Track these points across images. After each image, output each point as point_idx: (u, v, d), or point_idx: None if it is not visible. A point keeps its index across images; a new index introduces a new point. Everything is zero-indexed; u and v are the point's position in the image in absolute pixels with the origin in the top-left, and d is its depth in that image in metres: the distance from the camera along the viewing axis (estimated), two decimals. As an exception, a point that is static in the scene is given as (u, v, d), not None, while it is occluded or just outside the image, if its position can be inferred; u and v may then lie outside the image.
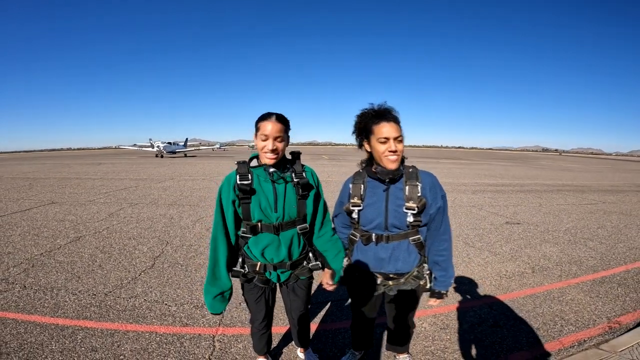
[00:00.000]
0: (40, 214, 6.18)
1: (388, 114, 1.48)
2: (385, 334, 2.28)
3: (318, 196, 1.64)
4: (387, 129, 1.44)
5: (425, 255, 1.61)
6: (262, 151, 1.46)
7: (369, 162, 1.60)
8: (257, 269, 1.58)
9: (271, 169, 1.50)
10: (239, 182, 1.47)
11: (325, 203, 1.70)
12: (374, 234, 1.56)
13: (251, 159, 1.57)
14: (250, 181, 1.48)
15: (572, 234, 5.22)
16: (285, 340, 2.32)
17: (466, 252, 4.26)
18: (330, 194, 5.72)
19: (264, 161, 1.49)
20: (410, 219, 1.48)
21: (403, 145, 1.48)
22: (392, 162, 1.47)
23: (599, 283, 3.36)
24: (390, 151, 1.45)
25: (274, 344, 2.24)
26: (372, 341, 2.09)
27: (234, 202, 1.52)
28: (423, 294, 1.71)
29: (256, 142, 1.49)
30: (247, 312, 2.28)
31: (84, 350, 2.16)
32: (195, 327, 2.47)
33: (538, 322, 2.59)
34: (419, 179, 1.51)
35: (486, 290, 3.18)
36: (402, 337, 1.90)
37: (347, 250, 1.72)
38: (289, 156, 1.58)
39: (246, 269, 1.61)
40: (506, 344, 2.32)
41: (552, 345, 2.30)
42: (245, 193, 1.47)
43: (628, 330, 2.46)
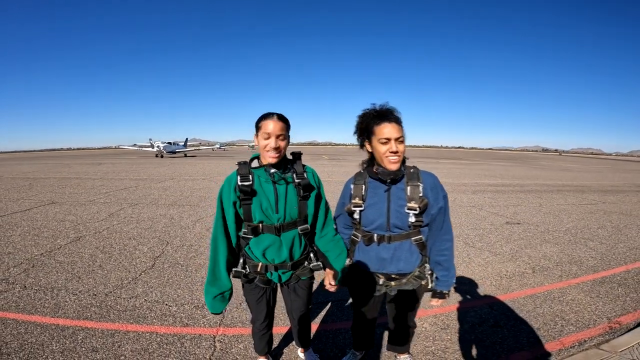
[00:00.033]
0: (41, 214, 6.17)
1: (390, 115, 1.48)
2: (386, 334, 2.28)
3: (319, 197, 1.64)
4: (389, 130, 1.44)
5: (427, 256, 1.61)
6: (265, 149, 1.45)
7: (370, 163, 1.60)
8: (259, 270, 1.58)
9: (272, 170, 1.50)
10: (239, 183, 1.47)
11: (327, 203, 1.69)
12: (375, 235, 1.56)
13: (252, 159, 1.57)
14: (251, 182, 1.47)
15: (573, 234, 5.22)
16: (286, 340, 2.32)
17: (466, 252, 4.26)
18: (331, 194, 5.70)
19: (266, 160, 1.49)
20: (412, 219, 1.48)
21: (404, 146, 1.48)
22: (393, 163, 1.46)
23: (600, 283, 3.36)
24: (391, 152, 1.44)
25: (274, 344, 2.23)
26: (373, 341, 2.09)
27: (234, 204, 1.52)
28: (425, 294, 1.71)
29: (257, 142, 1.49)
30: (248, 313, 2.28)
31: (84, 351, 2.16)
32: (196, 328, 2.47)
33: (538, 322, 2.59)
34: (420, 179, 1.51)
35: (487, 290, 3.18)
36: (403, 337, 1.90)
37: (349, 250, 1.72)
38: (290, 156, 1.58)
39: (247, 269, 1.61)
40: (507, 344, 2.32)
41: (553, 346, 2.30)
42: (246, 194, 1.46)
43: (628, 331, 2.46)
